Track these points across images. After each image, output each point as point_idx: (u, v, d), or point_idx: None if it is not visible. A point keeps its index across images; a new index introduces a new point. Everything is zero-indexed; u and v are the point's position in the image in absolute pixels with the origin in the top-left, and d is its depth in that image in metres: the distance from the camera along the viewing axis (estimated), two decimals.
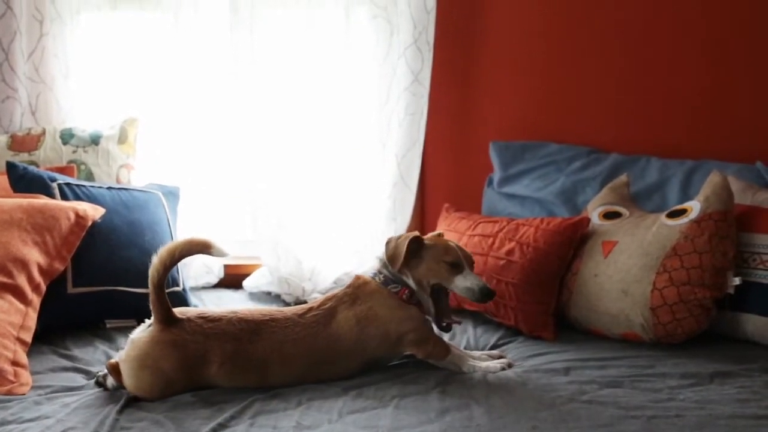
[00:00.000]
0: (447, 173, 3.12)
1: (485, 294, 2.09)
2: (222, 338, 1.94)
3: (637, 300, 2.27)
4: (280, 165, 3.02)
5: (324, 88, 2.98)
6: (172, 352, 1.90)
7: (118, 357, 1.97)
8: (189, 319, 1.95)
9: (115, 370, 1.93)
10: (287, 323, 2.01)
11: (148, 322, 1.98)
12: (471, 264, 2.16)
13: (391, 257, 2.13)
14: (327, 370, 2.02)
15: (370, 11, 2.97)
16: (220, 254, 1.96)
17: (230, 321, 1.98)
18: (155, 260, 1.92)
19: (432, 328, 2.15)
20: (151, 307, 1.93)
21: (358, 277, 2.18)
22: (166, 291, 1.93)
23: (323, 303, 2.10)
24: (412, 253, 2.11)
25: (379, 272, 2.16)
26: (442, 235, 2.33)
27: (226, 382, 1.94)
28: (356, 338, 2.05)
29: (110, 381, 1.95)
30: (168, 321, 1.92)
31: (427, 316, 2.14)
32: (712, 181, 2.35)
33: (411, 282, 2.13)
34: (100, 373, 2.00)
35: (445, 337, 2.25)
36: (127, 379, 1.90)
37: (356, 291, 2.12)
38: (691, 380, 1.97)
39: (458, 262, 2.11)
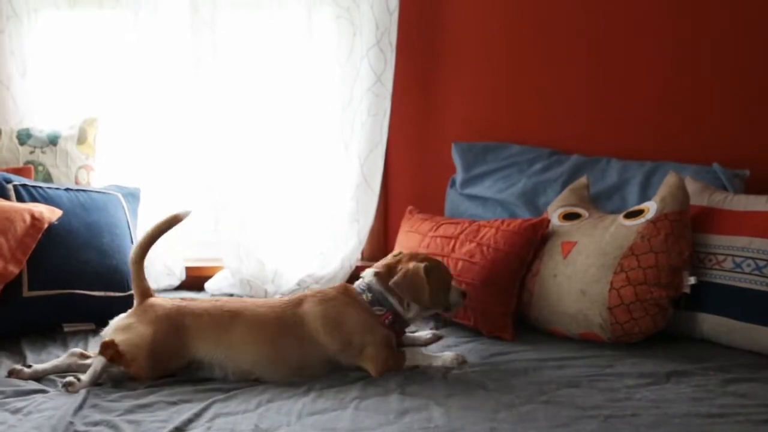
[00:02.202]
0: (410, 174, 3.12)
1: (465, 295, 2.27)
2: (196, 302, 2.17)
3: (595, 300, 2.29)
4: (243, 166, 3.00)
5: (286, 89, 2.96)
6: (149, 310, 2.10)
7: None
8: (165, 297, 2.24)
9: (108, 346, 2.02)
10: (261, 300, 2.30)
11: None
12: None
13: (413, 294, 2.11)
14: (290, 357, 2.04)
15: (332, 12, 2.95)
16: (186, 214, 2.23)
17: (204, 298, 2.14)
18: (135, 241, 2.21)
19: (393, 347, 2.13)
20: (132, 284, 2.20)
21: (346, 287, 2.19)
22: (127, 293, 1.98)
23: (295, 295, 2.23)
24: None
25: (369, 290, 2.15)
26: (401, 253, 2.27)
27: (197, 335, 2.05)
28: (319, 334, 2.07)
29: (83, 380, 1.96)
30: (146, 294, 2.17)
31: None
32: (668, 182, 2.38)
33: (410, 313, 2.16)
34: (66, 380, 1.97)
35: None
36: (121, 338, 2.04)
37: (336, 294, 2.15)
38: (648, 379, 2.00)
39: (450, 281, 2.22)
